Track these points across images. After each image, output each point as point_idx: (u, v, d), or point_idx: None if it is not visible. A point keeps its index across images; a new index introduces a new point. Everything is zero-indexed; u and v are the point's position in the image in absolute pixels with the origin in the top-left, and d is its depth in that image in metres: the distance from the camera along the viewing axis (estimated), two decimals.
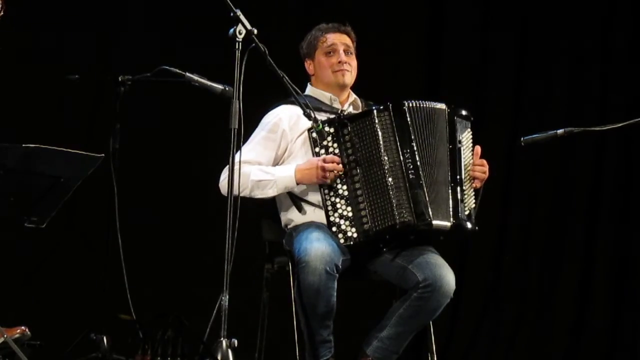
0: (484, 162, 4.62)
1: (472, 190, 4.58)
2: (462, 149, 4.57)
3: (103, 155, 4.07)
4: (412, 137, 4.48)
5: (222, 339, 4.07)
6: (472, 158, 4.60)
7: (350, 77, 4.69)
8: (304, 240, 4.35)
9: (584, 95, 6.45)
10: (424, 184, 4.45)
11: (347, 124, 4.48)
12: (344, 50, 4.68)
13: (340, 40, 4.69)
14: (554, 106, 6.43)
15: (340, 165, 4.44)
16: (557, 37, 6.47)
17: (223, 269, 4.08)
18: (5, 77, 5.59)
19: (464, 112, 4.63)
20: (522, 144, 4.60)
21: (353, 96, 4.76)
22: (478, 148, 4.62)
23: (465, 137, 4.60)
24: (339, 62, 4.66)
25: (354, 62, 4.71)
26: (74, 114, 5.83)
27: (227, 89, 4.28)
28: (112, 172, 4.39)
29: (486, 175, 4.61)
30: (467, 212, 4.54)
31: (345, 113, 4.64)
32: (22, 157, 3.87)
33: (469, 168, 4.58)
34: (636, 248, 6.34)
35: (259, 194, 4.52)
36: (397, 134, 4.47)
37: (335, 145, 4.48)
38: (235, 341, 4.09)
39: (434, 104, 4.56)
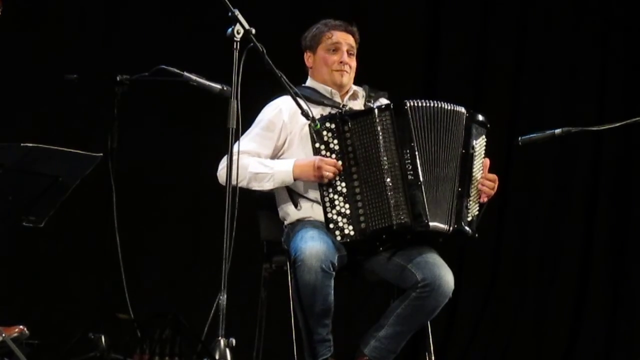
0: (495, 177, 4.58)
1: (478, 197, 4.55)
2: (474, 154, 4.54)
3: (101, 154, 4.07)
4: (413, 137, 4.45)
5: (220, 338, 4.06)
6: (482, 167, 4.57)
7: (348, 78, 4.67)
8: (299, 240, 4.36)
9: (582, 95, 6.46)
10: (422, 185, 4.43)
11: (348, 120, 4.47)
12: (347, 51, 4.66)
13: (345, 40, 4.67)
14: (553, 106, 6.44)
15: (338, 167, 4.44)
16: (556, 37, 6.48)
17: (221, 268, 4.08)
18: (4, 77, 5.60)
19: (480, 118, 4.59)
20: (520, 143, 4.60)
21: (353, 88, 4.73)
22: (487, 161, 4.59)
23: (479, 144, 4.57)
24: (341, 62, 4.66)
25: (354, 64, 4.69)
26: (72, 113, 5.83)
27: (225, 88, 4.28)
28: (110, 171, 4.39)
29: (494, 192, 4.58)
30: (469, 219, 4.52)
31: (346, 107, 4.63)
32: (20, 156, 3.87)
33: (478, 176, 4.56)
34: (634, 247, 6.34)
35: (256, 186, 4.52)
36: (398, 134, 4.45)
37: (336, 141, 4.47)
38: (233, 340, 4.08)
39: (450, 106, 4.52)
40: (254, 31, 4.19)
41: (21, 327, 4.40)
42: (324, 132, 4.46)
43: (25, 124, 5.64)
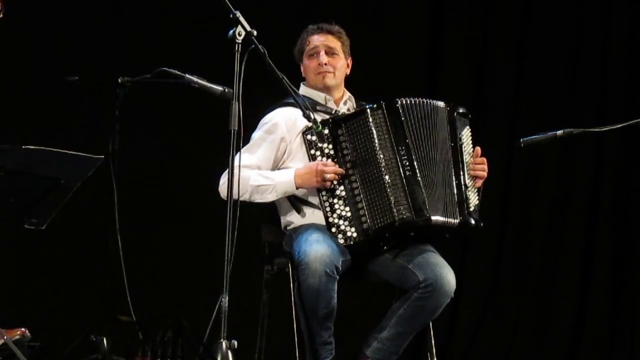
0: (484, 160, 4.62)
1: (474, 184, 4.58)
2: (462, 145, 4.58)
3: (103, 156, 4.07)
4: (407, 134, 4.47)
5: (221, 340, 4.06)
6: (472, 156, 4.61)
7: (332, 78, 4.67)
8: (304, 243, 4.35)
9: (584, 96, 6.46)
10: (421, 181, 4.45)
11: (341, 124, 4.48)
12: (326, 52, 4.66)
13: (322, 42, 4.67)
14: (554, 106, 6.44)
15: (340, 169, 4.44)
16: (557, 37, 6.48)
17: (223, 270, 4.08)
18: (5, 78, 5.60)
19: (462, 110, 4.64)
20: (522, 145, 4.61)
21: (347, 94, 4.75)
22: (478, 149, 4.62)
23: (465, 135, 4.62)
24: (319, 64, 4.66)
25: (338, 63, 4.68)
26: (74, 115, 5.83)
27: (226, 90, 4.28)
28: (111, 173, 4.39)
29: (486, 174, 4.61)
30: (471, 209, 4.54)
31: (340, 113, 4.64)
32: (22, 158, 3.87)
33: (470, 165, 4.59)
34: (635, 247, 6.35)
35: (258, 199, 4.52)
36: (392, 131, 4.47)
37: (331, 146, 4.48)
38: (235, 342, 4.08)
39: (432, 101, 4.56)
40: (255, 33, 4.19)
41: (23, 329, 4.41)
42: (323, 137, 4.47)
43: (27, 126, 5.64)
